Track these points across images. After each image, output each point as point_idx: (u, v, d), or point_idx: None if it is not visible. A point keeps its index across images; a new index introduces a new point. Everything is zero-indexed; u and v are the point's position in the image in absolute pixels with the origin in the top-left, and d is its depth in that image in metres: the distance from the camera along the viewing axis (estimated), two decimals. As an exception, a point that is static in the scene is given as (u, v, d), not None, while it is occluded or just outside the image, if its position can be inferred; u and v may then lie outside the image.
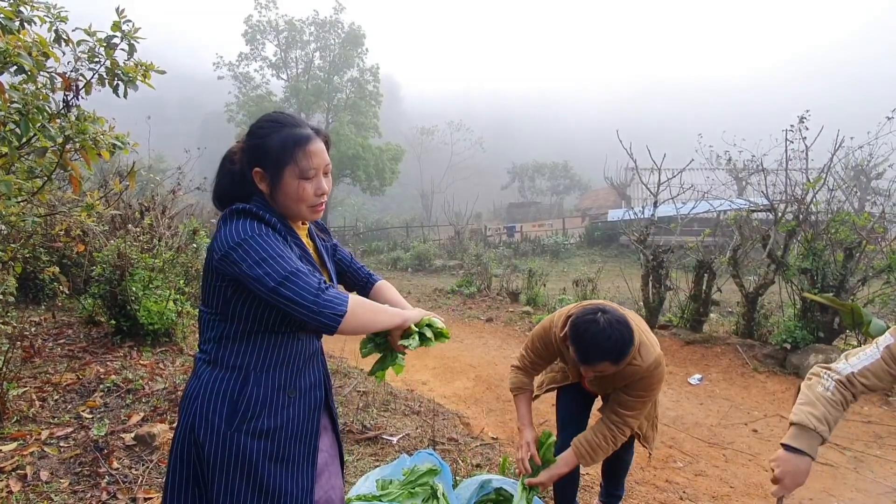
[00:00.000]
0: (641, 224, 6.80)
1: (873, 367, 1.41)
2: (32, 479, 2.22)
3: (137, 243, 4.38)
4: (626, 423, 1.89)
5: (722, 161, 12.31)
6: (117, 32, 2.25)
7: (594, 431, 1.92)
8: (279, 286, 1.08)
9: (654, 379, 1.86)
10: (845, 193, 7.18)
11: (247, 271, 1.11)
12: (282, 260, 1.11)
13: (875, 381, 1.41)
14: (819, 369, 1.51)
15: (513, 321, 7.46)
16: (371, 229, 28.88)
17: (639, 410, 1.90)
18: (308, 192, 1.21)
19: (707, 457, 3.30)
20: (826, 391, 1.44)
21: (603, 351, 1.67)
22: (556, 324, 1.94)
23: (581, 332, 1.70)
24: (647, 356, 1.83)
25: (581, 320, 1.72)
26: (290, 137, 1.19)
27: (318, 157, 1.21)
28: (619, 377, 1.87)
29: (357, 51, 28.89)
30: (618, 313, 1.74)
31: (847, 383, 1.43)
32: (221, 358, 1.22)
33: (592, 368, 1.74)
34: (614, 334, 1.66)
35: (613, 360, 1.68)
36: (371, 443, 3.02)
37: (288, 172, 1.19)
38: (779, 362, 5.10)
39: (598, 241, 20.24)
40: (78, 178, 2.48)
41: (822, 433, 1.41)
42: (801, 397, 1.49)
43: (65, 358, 3.68)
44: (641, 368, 1.82)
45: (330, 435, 1.43)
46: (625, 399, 1.90)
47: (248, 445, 1.18)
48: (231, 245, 1.12)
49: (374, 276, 1.57)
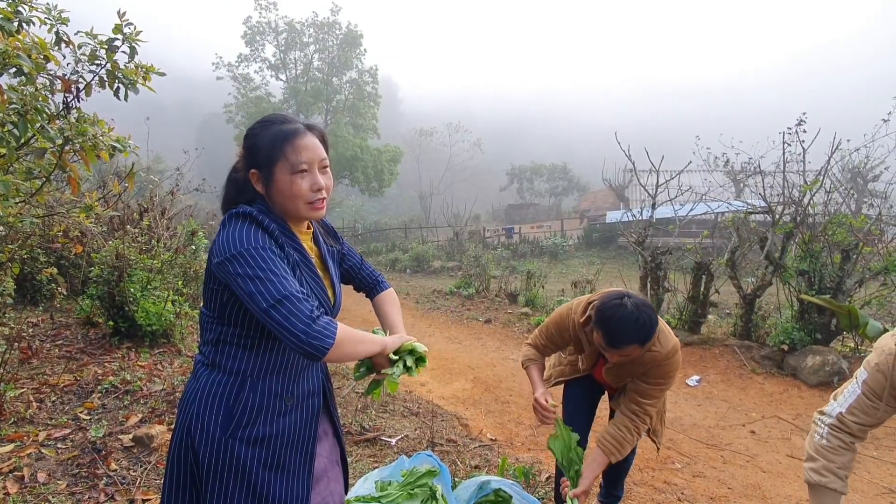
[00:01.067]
0: (640, 226, 6.81)
1: (858, 404, 1.37)
2: (30, 481, 2.21)
3: (136, 244, 4.37)
4: (646, 412, 1.92)
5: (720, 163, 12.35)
6: (119, 35, 2.25)
7: (616, 425, 1.93)
8: (271, 308, 1.06)
9: (671, 366, 1.88)
10: (842, 195, 7.20)
11: (241, 285, 1.09)
12: (276, 280, 1.08)
13: (864, 418, 1.36)
14: (815, 416, 1.47)
15: (511, 322, 7.47)
16: (370, 230, 28.86)
17: (657, 398, 1.93)
18: (302, 187, 1.18)
19: (705, 458, 3.30)
20: (822, 440, 1.41)
21: (631, 333, 1.69)
22: (576, 311, 1.97)
23: (608, 316, 1.72)
24: (665, 343, 1.86)
25: (608, 305, 1.74)
26: (279, 133, 1.18)
27: (308, 150, 1.18)
28: (638, 364, 1.89)
29: (355, 52, 28.93)
30: (641, 298, 1.78)
31: (840, 425, 1.39)
32: (219, 361, 1.21)
33: (619, 352, 1.75)
34: (642, 317, 1.68)
35: (641, 342, 1.71)
36: (370, 444, 3.02)
37: (279, 169, 1.17)
38: (776, 364, 5.11)
39: (596, 242, 20.29)
40: (76, 179, 2.47)
41: (830, 485, 1.35)
42: (805, 453, 1.46)
43: (62, 359, 3.67)
44: (660, 355, 1.85)
45: (330, 440, 1.41)
46: (643, 388, 1.92)
47: (243, 452, 1.18)
48: (228, 255, 1.10)
49: (382, 283, 1.57)
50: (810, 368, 4.70)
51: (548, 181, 40.31)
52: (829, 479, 1.35)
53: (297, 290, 1.09)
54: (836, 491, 1.35)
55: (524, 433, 3.58)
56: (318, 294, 1.26)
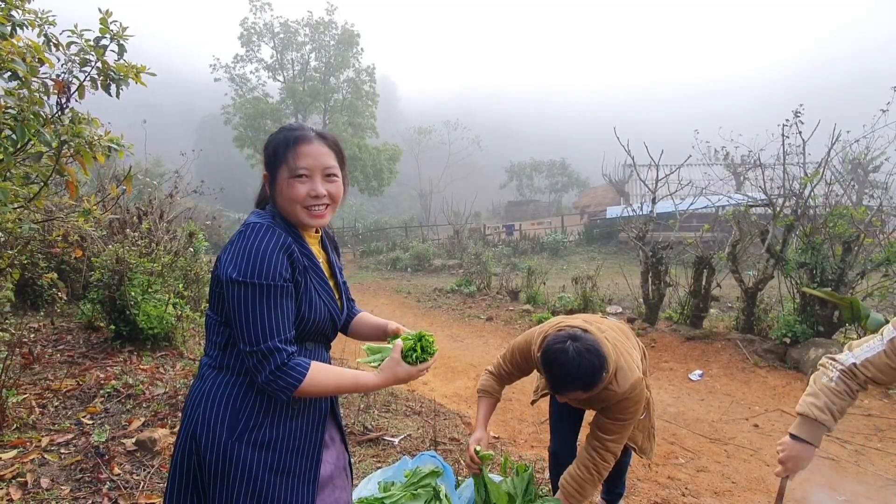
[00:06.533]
0: (640, 221, 6.80)
1: (875, 360, 1.42)
2: (33, 487, 2.21)
3: (136, 248, 4.37)
4: (607, 448, 1.84)
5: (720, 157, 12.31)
6: (106, 34, 2.23)
7: (577, 464, 1.87)
8: (249, 352, 1.13)
9: (630, 403, 1.81)
10: (843, 187, 7.18)
11: (236, 312, 1.13)
12: (266, 326, 1.12)
13: (877, 373, 1.41)
14: (825, 360, 1.54)
15: (513, 320, 7.46)
16: (370, 230, 28.83)
17: (619, 434, 1.85)
18: (299, 192, 1.19)
19: (708, 453, 3.30)
20: (830, 382, 1.47)
21: (572, 380, 1.64)
22: (535, 342, 1.90)
23: (550, 361, 1.67)
24: (623, 381, 1.77)
25: (551, 349, 1.69)
26: (285, 138, 1.22)
27: (309, 157, 1.20)
28: (597, 400, 1.82)
29: (352, 51, 28.88)
30: (590, 340, 1.70)
31: (850, 373, 1.45)
32: (226, 363, 1.21)
33: (564, 396, 1.72)
34: (584, 364, 1.62)
35: (583, 388, 1.66)
36: (373, 444, 3.01)
37: (281, 172, 1.21)
38: (779, 357, 5.10)
39: (596, 238, 20.25)
40: (75, 182, 2.46)
41: (825, 422, 1.44)
42: (808, 388, 1.53)
43: (64, 364, 3.67)
44: (616, 394, 1.78)
45: (338, 447, 1.41)
46: (604, 423, 1.85)
47: (248, 456, 1.17)
48: (240, 278, 1.12)
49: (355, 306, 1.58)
50: (813, 361, 4.70)
51: (547, 177, 40.28)
52: (826, 418, 1.45)
53: (280, 337, 1.14)
54: (826, 428, 1.46)
55: (527, 430, 3.58)
56: (325, 299, 1.27)
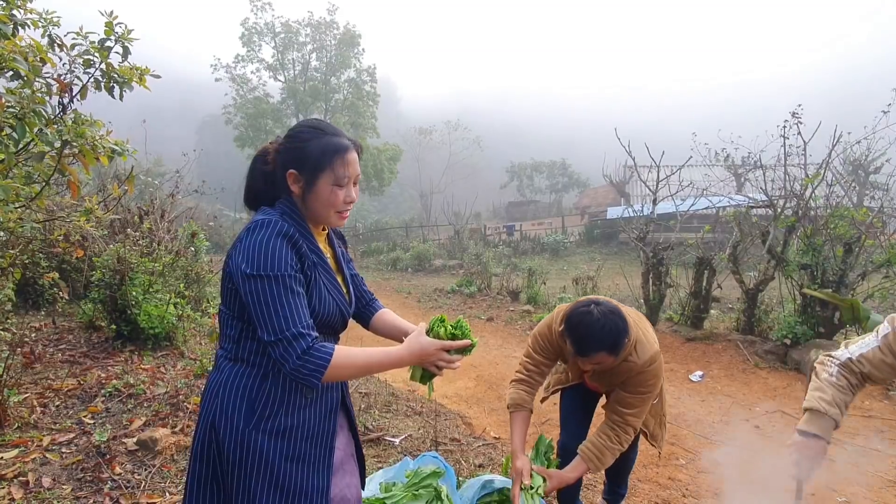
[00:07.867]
0: (641, 221, 6.80)
1: (869, 355, 1.43)
2: (34, 486, 2.21)
3: (137, 247, 4.37)
4: (627, 422, 1.88)
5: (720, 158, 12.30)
6: (111, 35, 2.23)
7: (598, 434, 1.91)
8: (272, 342, 1.13)
9: (650, 375, 1.85)
10: (844, 188, 7.18)
11: (254, 306, 1.15)
12: (285, 315, 1.14)
13: (871, 370, 1.43)
14: (823, 357, 1.56)
15: (513, 320, 7.46)
16: (370, 230, 28.83)
17: (639, 408, 1.89)
18: (339, 198, 1.26)
19: (709, 454, 3.29)
20: (831, 376, 1.48)
21: (598, 341, 1.67)
22: (556, 319, 1.95)
23: (576, 324, 1.70)
24: (642, 353, 1.82)
25: (575, 312, 1.73)
26: (331, 145, 1.24)
27: (352, 166, 1.27)
28: (617, 373, 1.87)
29: (353, 51, 28.88)
30: (611, 304, 1.75)
31: (847, 368, 1.47)
32: (241, 355, 1.26)
33: (589, 360, 1.73)
34: (608, 324, 1.66)
35: (609, 349, 1.68)
36: (374, 444, 3.01)
37: (324, 178, 1.24)
38: (780, 358, 5.10)
39: (597, 238, 20.25)
40: (76, 182, 2.46)
41: (834, 416, 1.44)
42: (811, 385, 1.54)
43: (65, 363, 3.67)
44: (637, 365, 1.82)
45: (346, 433, 1.46)
46: (624, 397, 1.89)
47: (265, 444, 1.22)
48: (254, 272, 1.14)
49: (377, 301, 1.60)
50: (813, 362, 4.69)
51: (548, 178, 40.25)
52: (836, 411, 1.44)
53: (302, 323, 1.15)
54: (835, 422, 1.45)
55: (527, 430, 3.58)
56: (334, 294, 1.30)
